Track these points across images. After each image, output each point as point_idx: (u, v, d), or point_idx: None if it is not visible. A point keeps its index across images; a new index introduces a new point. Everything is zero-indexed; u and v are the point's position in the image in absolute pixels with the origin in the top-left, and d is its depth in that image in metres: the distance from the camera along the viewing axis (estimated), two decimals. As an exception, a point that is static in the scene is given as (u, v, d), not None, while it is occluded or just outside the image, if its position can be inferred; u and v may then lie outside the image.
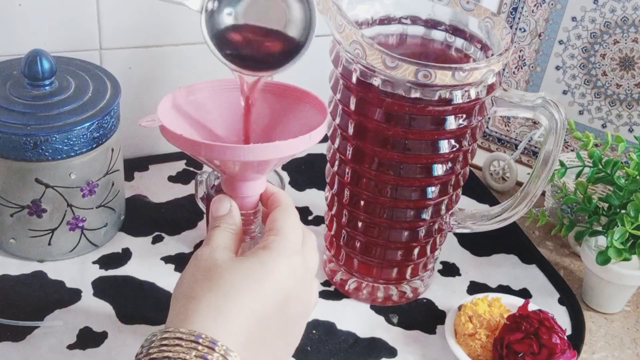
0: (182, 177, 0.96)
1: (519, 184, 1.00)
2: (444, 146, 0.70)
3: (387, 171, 0.71)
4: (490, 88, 0.69)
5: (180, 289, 0.54)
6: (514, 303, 0.77)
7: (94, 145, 0.76)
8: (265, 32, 0.62)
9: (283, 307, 0.53)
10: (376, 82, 0.66)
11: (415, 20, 0.76)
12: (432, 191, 0.73)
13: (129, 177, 0.92)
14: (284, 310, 0.53)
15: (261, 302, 0.52)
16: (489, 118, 0.93)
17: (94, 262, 0.81)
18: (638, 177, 0.78)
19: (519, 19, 0.98)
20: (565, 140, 0.95)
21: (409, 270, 0.79)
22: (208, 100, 0.64)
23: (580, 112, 0.97)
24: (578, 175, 0.84)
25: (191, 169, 0.97)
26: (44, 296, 0.77)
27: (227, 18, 0.61)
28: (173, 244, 0.85)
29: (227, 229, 0.57)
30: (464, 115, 0.69)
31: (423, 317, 0.80)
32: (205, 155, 0.57)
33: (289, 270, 0.54)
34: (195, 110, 0.64)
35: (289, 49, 0.62)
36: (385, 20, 0.76)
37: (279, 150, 0.57)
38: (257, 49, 0.62)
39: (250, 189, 0.60)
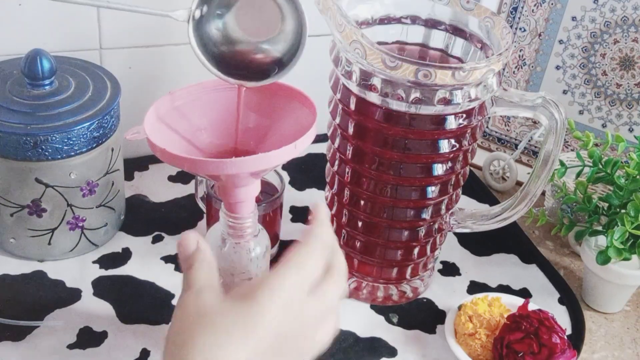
0: (182, 177, 0.95)
1: (519, 183, 1.00)
2: (444, 146, 0.70)
3: (387, 171, 0.71)
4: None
5: (172, 335, 0.52)
6: (514, 303, 0.77)
7: (94, 145, 0.76)
8: (254, 42, 0.62)
9: (276, 347, 0.51)
10: (376, 81, 0.66)
11: (415, 20, 0.76)
12: (432, 191, 0.73)
13: (129, 176, 0.92)
14: (277, 350, 0.52)
15: (253, 346, 0.50)
16: (489, 118, 0.93)
17: (94, 262, 0.81)
18: (638, 177, 0.78)
19: (519, 18, 0.98)
20: (565, 140, 0.95)
21: (409, 270, 0.79)
22: (198, 103, 0.64)
23: (580, 112, 0.97)
24: (578, 175, 0.84)
25: (187, 171, 0.97)
26: (44, 296, 0.77)
27: (215, 26, 0.61)
28: (173, 244, 0.85)
29: (202, 266, 0.55)
30: (464, 115, 0.69)
31: (423, 317, 0.80)
32: (189, 169, 0.57)
33: (282, 312, 0.51)
34: (184, 115, 0.64)
35: (277, 61, 0.62)
36: (385, 20, 0.76)
37: (262, 163, 0.57)
38: (244, 60, 0.62)
39: (243, 194, 0.60)
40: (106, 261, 0.82)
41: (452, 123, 0.68)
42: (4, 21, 0.84)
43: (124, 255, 0.83)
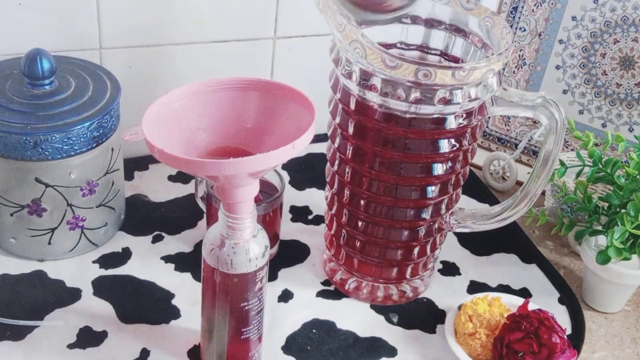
0: (182, 177, 0.95)
1: (519, 183, 1.00)
2: (444, 145, 0.70)
3: (387, 171, 0.71)
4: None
5: None
6: (514, 302, 0.77)
7: (94, 145, 0.76)
8: None
9: None
10: (376, 81, 0.66)
11: (415, 20, 0.76)
12: (432, 190, 0.73)
13: (129, 176, 0.92)
14: None
15: None
16: (489, 117, 0.93)
17: (94, 262, 0.81)
18: (638, 177, 0.78)
19: (519, 18, 0.98)
20: (565, 139, 0.95)
21: (409, 270, 0.79)
22: (196, 103, 0.64)
23: (581, 112, 0.97)
24: (578, 174, 0.84)
25: (184, 171, 0.97)
26: (44, 296, 0.77)
27: None
28: (173, 244, 0.85)
29: None
30: (464, 115, 0.69)
31: (423, 317, 0.80)
32: (187, 169, 0.57)
33: None
34: (183, 115, 0.64)
35: None
36: (385, 20, 0.76)
37: (260, 163, 0.57)
38: None
39: (242, 194, 0.60)
40: (106, 261, 0.82)
41: (452, 123, 0.68)
42: (4, 21, 0.84)
43: (124, 255, 0.83)
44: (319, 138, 0.70)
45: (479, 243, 0.90)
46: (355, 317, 0.79)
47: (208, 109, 0.64)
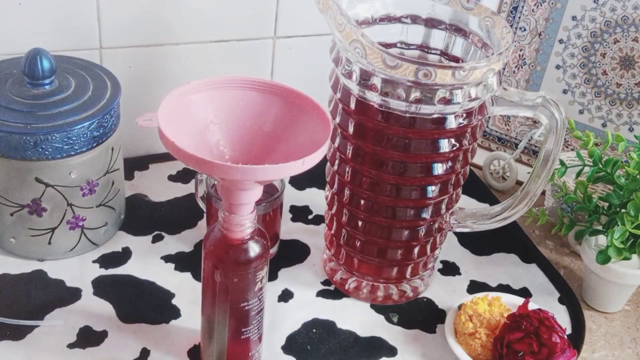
0: (182, 176, 0.96)
1: (519, 183, 1.00)
2: (444, 145, 0.70)
3: (387, 170, 0.71)
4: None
5: None
6: (514, 302, 0.77)
7: (94, 145, 0.76)
8: None
9: None
10: (376, 81, 0.66)
11: (415, 19, 0.76)
12: (432, 190, 0.73)
13: (129, 176, 0.92)
14: None
15: None
16: (489, 117, 0.93)
17: (94, 261, 0.81)
18: (638, 177, 0.78)
19: (519, 18, 0.98)
20: (565, 139, 0.95)
21: (409, 270, 0.79)
22: (214, 97, 0.64)
23: (581, 111, 0.97)
24: (578, 174, 0.84)
25: (191, 168, 0.97)
26: (44, 295, 0.76)
27: None
28: (173, 243, 0.85)
29: None
30: (464, 115, 0.69)
31: (423, 316, 0.80)
32: (194, 166, 0.57)
33: None
34: (199, 107, 0.63)
35: None
36: (386, 19, 0.76)
37: (268, 174, 0.56)
38: None
39: (245, 197, 0.60)
40: (106, 260, 0.82)
41: (452, 122, 0.68)
42: (4, 21, 0.84)
43: (124, 255, 0.83)
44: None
45: (479, 243, 0.90)
46: (355, 316, 0.79)
47: (226, 105, 0.64)
